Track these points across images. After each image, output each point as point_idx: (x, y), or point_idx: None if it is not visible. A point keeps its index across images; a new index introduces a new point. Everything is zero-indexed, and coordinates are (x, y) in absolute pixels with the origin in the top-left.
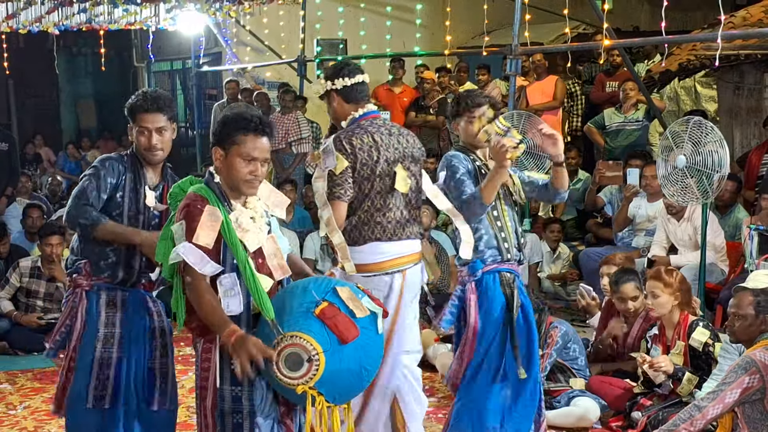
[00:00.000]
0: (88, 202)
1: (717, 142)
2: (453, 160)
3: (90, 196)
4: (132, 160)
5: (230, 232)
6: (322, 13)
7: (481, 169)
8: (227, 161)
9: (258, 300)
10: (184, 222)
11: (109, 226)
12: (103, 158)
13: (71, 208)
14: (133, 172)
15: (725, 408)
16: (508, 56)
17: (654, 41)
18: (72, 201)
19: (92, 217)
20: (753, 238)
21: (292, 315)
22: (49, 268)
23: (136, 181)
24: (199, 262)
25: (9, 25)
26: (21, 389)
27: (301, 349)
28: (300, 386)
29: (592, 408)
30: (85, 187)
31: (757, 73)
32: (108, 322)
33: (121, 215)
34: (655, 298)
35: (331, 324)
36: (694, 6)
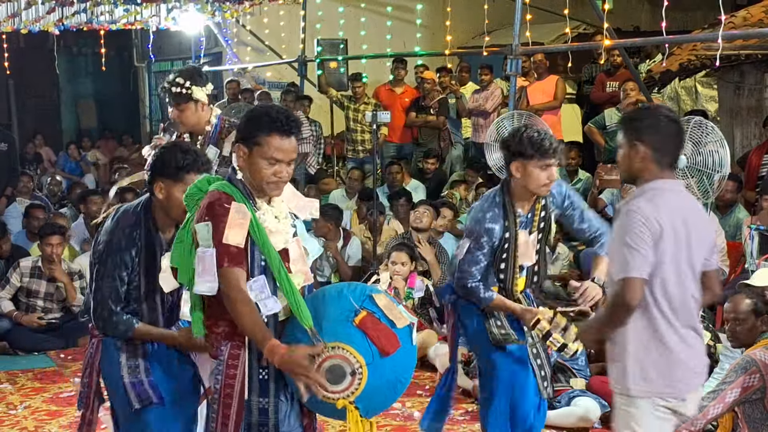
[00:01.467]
0: (112, 309)
1: (717, 142)
2: (486, 224)
3: (113, 298)
4: (146, 217)
5: (260, 231)
6: (323, 13)
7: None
8: (250, 160)
9: (294, 305)
10: (211, 221)
11: (140, 332)
12: (117, 227)
13: (97, 317)
14: (148, 234)
15: (726, 407)
16: (508, 56)
17: (654, 41)
18: (96, 304)
19: (120, 330)
20: (753, 238)
21: (330, 323)
22: (49, 268)
23: (150, 246)
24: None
25: (9, 24)
26: (21, 389)
27: (343, 361)
28: (341, 400)
29: (592, 408)
30: (106, 288)
31: (757, 73)
32: (131, 355)
33: (138, 291)
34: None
35: (373, 335)
36: (694, 6)
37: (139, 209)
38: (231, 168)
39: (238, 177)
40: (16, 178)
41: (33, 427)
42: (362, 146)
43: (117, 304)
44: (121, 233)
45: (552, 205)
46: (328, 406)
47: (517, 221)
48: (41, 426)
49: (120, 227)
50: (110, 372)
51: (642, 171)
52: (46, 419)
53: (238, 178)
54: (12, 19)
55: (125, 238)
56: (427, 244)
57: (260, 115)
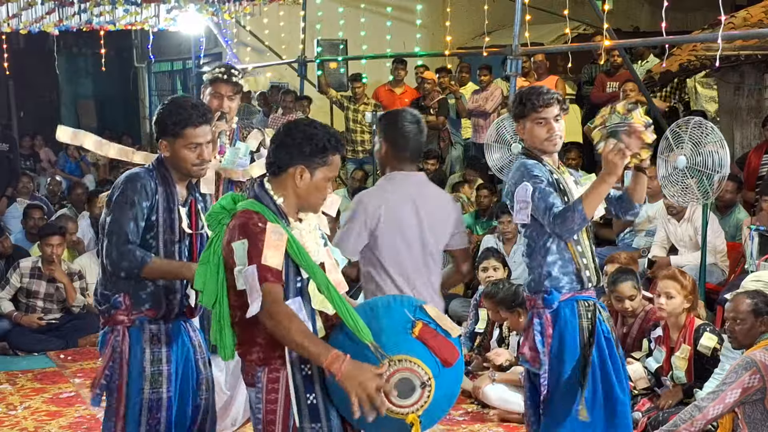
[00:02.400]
0: (128, 240)
1: (717, 142)
2: (534, 170)
3: (128, 231)
4: (162, 175)
5: (301, 251)
6: (323, 14)
7: (559, 182)
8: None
9: (351, 321)
10: (247, 240)
11: (156, 264)
12: (131, 177)
13: (110, 250)
14: (165, 189)
15: (726, 408)
16: (508, 57)
17: (654, 42)
18: (109, 241)
19: (136, 259)
20: (753, 238)
21: (389, 336)
22: (49, 268)
23: (168, 200)
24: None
25: (9, 25)
26: (21, 389)
27: (413, 374)
28: (411, 415)
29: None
30: (120, 222)
31: (757, 74)
32: (154, 359)
33: (156, 238)
34: (669, 299)
35: (434, 346)
36: (694, 6)
37: (152, 167)
38: (257, 185)
39: (270, 195)
40: (17, 179)
41: (33, 427)
42: (362, 147)
43: (134, 238)
44: (134, 186)
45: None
46: (390, 422)
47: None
48: (41, 426)
49: (131, 180)
50: (132, 375)
51: (385, 164)
52: (46, 420)
53: (270, 194)
54: (12, 20)
55: (139, 191)
56: None
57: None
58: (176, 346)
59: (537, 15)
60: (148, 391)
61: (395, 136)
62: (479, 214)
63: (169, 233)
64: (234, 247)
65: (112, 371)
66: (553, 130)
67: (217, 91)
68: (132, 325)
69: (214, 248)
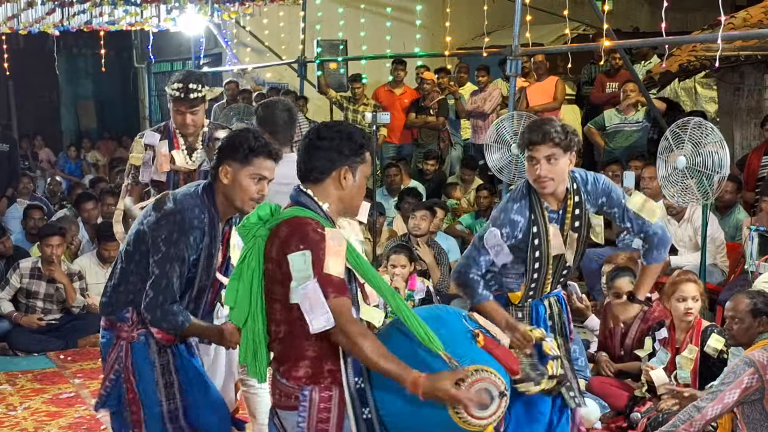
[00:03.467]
0: (173, 300)
1: (717, 143)
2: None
3: (175, 291)
4: (210, 202)
5: (358, 257)
6: (323, 14)
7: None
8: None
9: (422, 332)
10: (309, 250)
11: (192, 328)
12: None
13: (154, 307)
14: (211, 228)
15: (725, 408)
16: (508, 57)
17: (654, 42)
18: (155, 296)
19: (177, 323)
20: (753, 239)
21: (457, 347)
22: (49, 269)
23: (211, 243)
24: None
25: (9, 25)
26: (21, 390)
27: (491, 385)
28: (489, 426)
29: (592, 409)
30: (168, 278)
31: (757, 74)
32: (164, 370)
33: (191, 285)
34: (696, 302)
35: (499, 355)
36: (694, 7)
37: (201, 192)
38: (297, 192)
39: (318, 203)
40: (17, 179)
41: (33, 428)
42: None
43: (180, 291)
44: (191, 212)
45: (587, 203)
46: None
47: (546, 215)
48: (41, 427)
49: (188, 206)
50: (146, 391)
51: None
52: (45, 420)
53: (316, 202)
54: (12, 20)
55: (196, 217)
56: (426, 246)
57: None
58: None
59: (537, 15)
60: (166, 404)
61: (271, 123)
62: (479, 215)
63: (205, 278)
64: (292, 259)
65: (114, 384)
66: (540, 173)
67: (178, 109)
68: (136, 341)
69: (248, 261)
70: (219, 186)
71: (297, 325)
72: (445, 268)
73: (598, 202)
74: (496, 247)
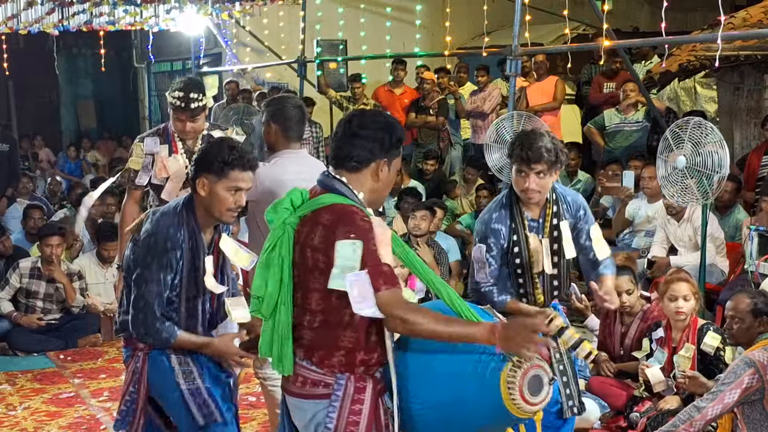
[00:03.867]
0: (156, 316)
1: (717, 142)
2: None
3: (156, 308)
4: (189, 222)
5: (403, 246)
6: (322, 14)
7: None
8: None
9: (474, 319)
10: (360, 239)
11: (180, 340)
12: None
13: (138, 323)
14: (191, 238)
15: (725, 408)
16: (508, 57)
17: (654, 42)
18: (137, 311)
19: (162, 338)
20: (753, 238)
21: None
22: (48, 269)
23: (193, 253)
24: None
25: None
26: (21, 390)
27: (542, 372)
28: (539, 412)
29: (592, 409)
30: (148, 294)
31: (757, 74)
32: (181, 362)
33: (179, 297)
34: (687, 301)
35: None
36: (693, 7)
37: (180, 209)
38: (329, 178)
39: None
40: (17, 179)
41: (32, 428)
42: None
43: (160, 309)
44: (164, 233)
45: (566, 212)
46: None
47: (526, 224)
48: (41, 427)
49: (162, 227)
50: (164, 384)
51: (275, 144)
52: (45, 420)
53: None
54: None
55: (169, 239)
56: (426, 246)
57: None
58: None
59: (537, 15)
60: (184, 383)
61: (283, 120)
62: (478, 214)
63: (193, 289)
64: (339, 246)
65: (133, 396)
66: (528, 186)
67: (179, 117)
68: (152, 350)
69: (278, 250)
70: (197, 198)
71: (334, 314)
72: (445, 267)
73: (577, 214)
74: (479, 262)
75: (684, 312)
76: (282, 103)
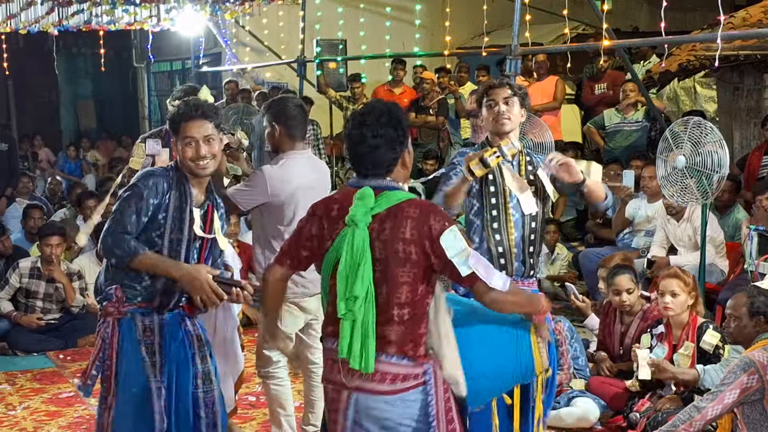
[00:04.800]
0: (126, 230)
1: (716, 142)
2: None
3: (128, 222)
4: (177, 175)
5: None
6: (322, 14)
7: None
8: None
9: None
10: (455, 226)
11: (146, 257)
12: (146, 174)
13: (106, 235)
14: (179, 189)
15: (724, 409)
16: (507, 57)
17: (653, 42)
18: (108, 227)
19: (128, 248)
20: (753, 238)
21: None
22: (48, 268)
23: (181, 199)
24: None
25: (9, 25)
26: (20, 390)
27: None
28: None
29: (591, 408)
30: (122, 211)
31: (756, 74)
32: (148, 350)
33: (161, 237)
34: (674, 297)
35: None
36: (693, 6)
37: (170, 168)
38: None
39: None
40: (17, 179)
41: (32, 427)
42: None
43: (130, 232)
44: (146, 181)
45: (538, 164)
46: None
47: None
48: (40, 427)
49: (146, 176)
50: (127, 351)
51: (281, 145)
52: (45, 420)
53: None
54: (11, 20)
55: (150, 187)
56: None
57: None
58: (169, 338)
59: (536, 15)
60: (154, 381)
61: (287, 120)
62: None
63: (177, 233)
64: (443, 239)
65: (102, 361)
66: (499, 109)
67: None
68: (123, 317)
69: (362, 251)
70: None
71: (419, 305)
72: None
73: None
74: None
75: (670, 307)
76: (284, 104)
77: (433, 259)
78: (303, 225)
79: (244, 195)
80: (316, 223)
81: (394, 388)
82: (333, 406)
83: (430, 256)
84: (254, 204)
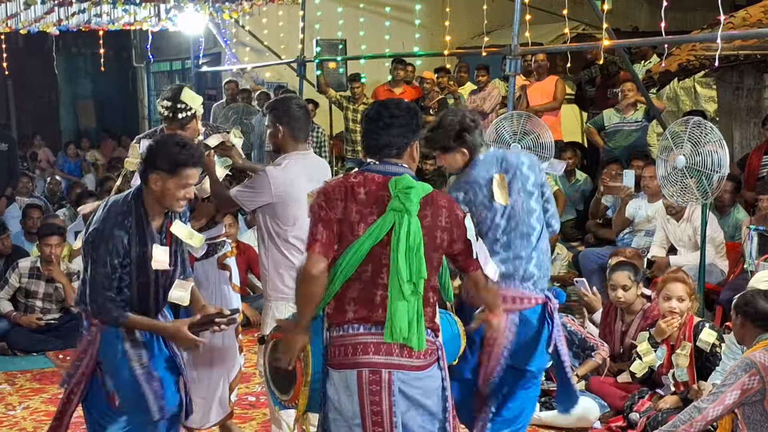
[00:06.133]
0: (105, 295)
1: (716, 142)
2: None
3: (103, 285)
4: (137, 206)
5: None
6: (322, 14)
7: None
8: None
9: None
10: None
11: (130, 323)
12: (108, 216)
13: (92, 299)
14: (138, 227)
15: (725, 409)
16: (507, 57)
17: (653, 41)
18: (90, 290)
19: (112, 317)
20: (753, 238)
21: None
22: (48, 268)
23: (141, 239)
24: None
25: (8, 25)
26: (20, 390)
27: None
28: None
29: (591, 408)
30: (96, 274)
31: (756, 74)
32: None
33: (129, 275)
34: (681, 302)
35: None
36: (693, 6)
37: (130, 199)
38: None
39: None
40: (16, 179)
41: (32, 427)
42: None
43: (110, 290)
44: (113, 221)
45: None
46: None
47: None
48: (40, 426)
49: (111, 215)
50: (114, 362)
51: (284, 145)
52: (44, 420)
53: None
54: (11, 20)
55: (117, 225)
56: None
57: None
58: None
59: (536, 15)
60: (137, 367)
61: (290, 121)
62: None
63: (144, 277)
64: (468, 221)
65: (80, 364)
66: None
67: (168, 126)
68: (107, 325)
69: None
70: (148, 190)
71: (437, 288)
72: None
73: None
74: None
75: (677, 312)
76: (287, 104)
77: (455, 245)
78: (324, 213)
79: (248, 196)
80: (339, 208)
81: (427, 361)
82: (373, 388)
83: (455, 242)
84: (258, 205)
